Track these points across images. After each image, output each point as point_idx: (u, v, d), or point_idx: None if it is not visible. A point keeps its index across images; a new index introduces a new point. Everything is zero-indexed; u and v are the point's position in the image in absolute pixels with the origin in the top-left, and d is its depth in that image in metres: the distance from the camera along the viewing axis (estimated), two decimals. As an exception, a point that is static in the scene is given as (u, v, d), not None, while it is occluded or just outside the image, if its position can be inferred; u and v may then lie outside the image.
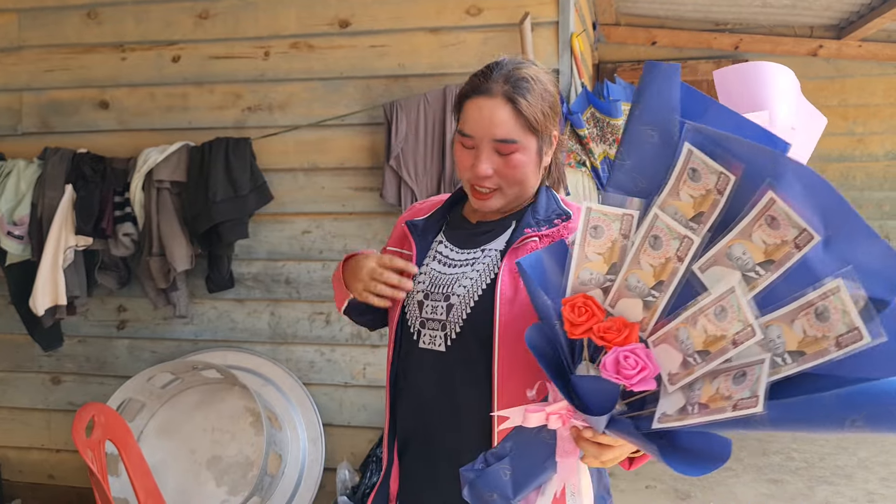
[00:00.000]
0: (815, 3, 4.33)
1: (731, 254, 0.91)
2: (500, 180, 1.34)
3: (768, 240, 0.88)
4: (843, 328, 0.81)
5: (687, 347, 0.95)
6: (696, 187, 0.94)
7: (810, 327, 0.84)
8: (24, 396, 3.63)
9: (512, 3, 3.03)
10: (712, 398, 0.91)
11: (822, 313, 0.83)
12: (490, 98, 1.31)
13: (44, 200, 3.21)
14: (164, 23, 3.35)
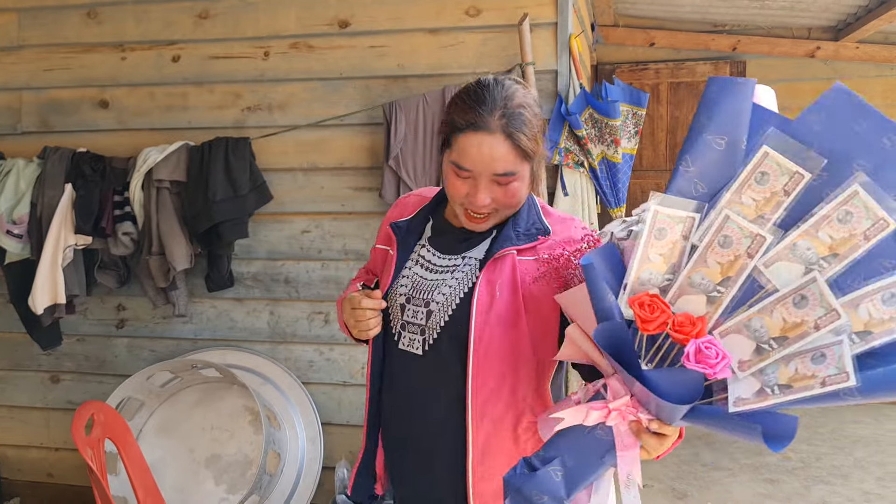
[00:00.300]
0: (813, 4, 4.35)
1: (795, 249, 1.00)
2: (497, 206, 1.38)
3: (835, 234, 0.98)
4: None
5: (761, 336, 1.03)
6: (760, 191, 1.03)
7: (877, 310, 0.95)
8: (23, 395, 3.64)
9: (511, 4, 3.04)
10: (793, 378, 1.00)
11: (890, 299, 0.95)
12: (489, 135, 1.31)
13: (43, 199, 3.22)
14: (164, 23, 3.36)
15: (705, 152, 1.08)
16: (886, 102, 4.98)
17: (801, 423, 3.62)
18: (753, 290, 1.05)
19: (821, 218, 0.98)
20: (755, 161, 1.03)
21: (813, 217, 0.99)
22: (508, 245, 1.38)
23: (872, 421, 4.74)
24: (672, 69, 5.16)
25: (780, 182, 1.01)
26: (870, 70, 4.97)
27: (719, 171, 1.07)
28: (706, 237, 1.07)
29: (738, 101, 1.07)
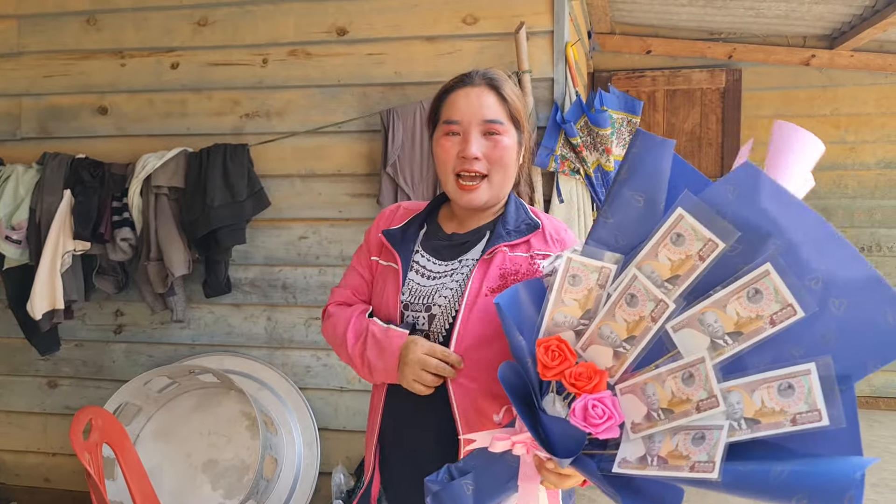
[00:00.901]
0: (808, 13, 4.38)
1: (703, 319, 0.96)
2: (488, 164, 1.40)
3: (742, 312, 0.93)
4: (805, 407, 0.86)
5: (652, 402, 1.00)
6: (676, 251, 1.00)
7: (771, 400, 0.89)
8: (21, 400, 3.65)
9: (507, 12, 3.07)
10: (671, 454, 0.96)
11: (786, 390, 0.88)
12: (475, 87, 1.42)
13: (42, 205, 3.23)
14: (164, 30, 3.38)
15: (625, 206, 1.08)
16: (881, 110, 5.02)
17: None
18: (662, 350, 1.02)
19: (730, 292, 0.94)
20: (670, 222, 1.00)
21: (723, 290, 0.95)
22: (499, 242, 1.40)
23: (867, 427, 4.75)
24: (668, 77, 5.19)
25: (695, 246, 0.98)
26: (864, 78, 5.00)
27: (637, 226, 1.06)
28: (615, 293, 1.06)
29: (659, 160, 1.06)
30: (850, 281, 0.89)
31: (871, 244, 5.09)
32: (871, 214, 5.09)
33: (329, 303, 1.59)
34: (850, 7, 4.19)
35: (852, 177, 5.10)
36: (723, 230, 0.95)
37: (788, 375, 0.88)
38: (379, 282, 1.52)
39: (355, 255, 1.61)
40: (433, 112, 1.49)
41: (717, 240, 0.96)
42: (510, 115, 1.42)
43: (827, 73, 5.03)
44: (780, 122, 1.03)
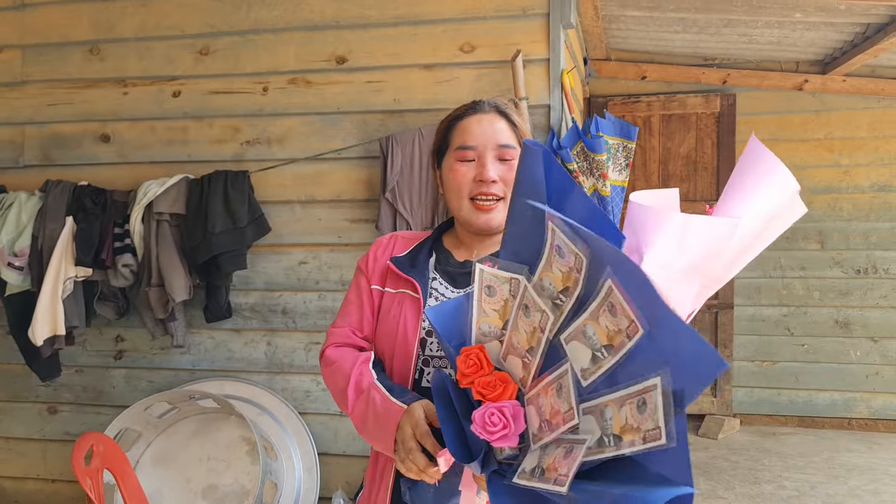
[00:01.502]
0: (800, 39, 4.45)
1: (585, 332, 0.95)
2: (505, 187, 1.41)
3: (609, 325, 0.91)
4: (651, 424, 0.85)
5: (542, 413, 1.00)
6: (562, 263, 0.98)
7: (631, 416, 0.87)
8: (21, 426, 3.65)
9: (504, 40, 3.13)
10: (548, 466, 0.96)
11: (641, 406, 0.86)
12: (486, 114, 1.44)
13: (44, 232, 3.26)
14: (166, 59, 3.44)
15: (521, 217, 1.08)
16: (874, 134, 5.08)
17: (796, 451, 3.64)
18: (558, 361, 1.00)
19: (597, 305, 0.92)
20: (549, 236, 1.00)
21: (594, 302, 0.92)
22: None
23: (866, 450, 4.76)
24: (664, 101, 5.25)
25: (570, 259, 0.96)
26: (857, 102, 5.06)
27: (533, 236, 1.05)
28: (515, 304, 1.06)
29: (534, 167, 1.05)
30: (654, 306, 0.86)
31: (867, 266, 5.12)
32: (867, 237, 5.13)
33: (327, 345, 1.50)
34: (841, 33, 4.26)
35: (847, 200, 5.15)
36: (580, 245, 0.94)
37: (642, 391, 0.86)
38: (391, 311, 1.45)
39: (351, 288, 1.55)
40: (440, 140, 1.49)
41: (581, 254, 0.94)
42: (519, 140, 1.44)
43: (820, 97, 5.09)
44: (754, 141, 1.01)
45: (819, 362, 5.22)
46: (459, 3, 3.16)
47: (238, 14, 3.36)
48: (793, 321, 5.23)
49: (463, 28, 3.16)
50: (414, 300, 1.42)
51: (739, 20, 4.12)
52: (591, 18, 4.08)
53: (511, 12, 3.12)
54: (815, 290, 5.20)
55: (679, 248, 0.95)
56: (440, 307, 1.21)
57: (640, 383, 0.86)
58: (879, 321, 5.12)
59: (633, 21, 4.36)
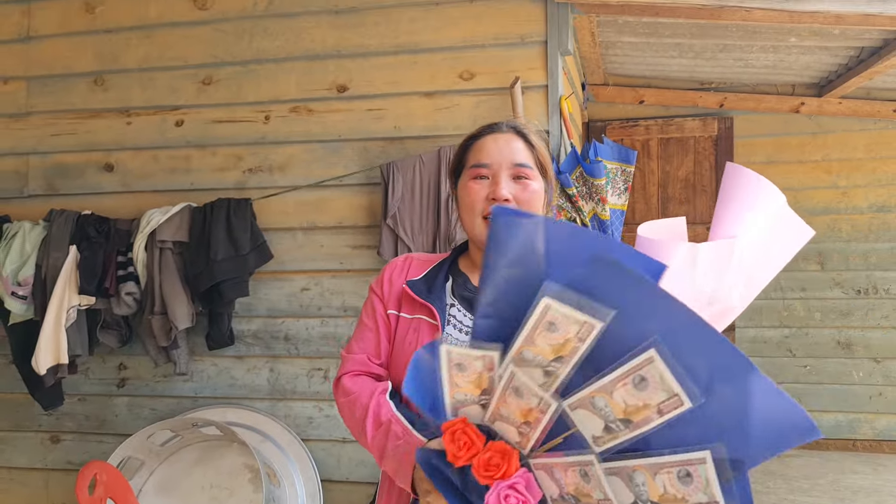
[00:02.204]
0: (795, 63, 4.50)
1: (594, 403, 0.91)
2: (518, 207, 1.38)
3: (630, 401, 0.87)
4: (704, 498, 0.83)
5: (561, 486, 0.97)
6: (553, 338, 0.93)
7: (671, 485, 0.86)
8: (23, 456, 3.64)
9: (503, 67, 3.17)
10: None
11: (684, 477, 0.85)
12: (503, 133, 1.44)
13: (48, 261, 3.28)
14: (169, 89, 3.48)
15: (500, 284, 1.02)
16: (871, 155, 5.11)
17: (801, 474, 3.62)
18: (566, 426, 0.96)
19: (615, 378, 0.88)
20: (537, 314, 0.94)
21: (609, 376, 0.89)
22: None
23: (871, 471, 4.73)
24: (662, 125, 5.30)
25: (571, 330, 0.92)
26: (853, 124, 5.10)
27: (516, 306, 0.98)
28: (500, 384, 1.00)
29: (521, 237, 0.98)
30: (728, 369, 0.83)
31: (868, 287, 5.13)
32: (866, 258, 5.14)
33: (342, 372, 1.46)
34: (835, 57, 4.31)
35: (846, 221, 5.17)
36: (596, 311, 0.89)
37: (685, 462, 0.84)
38: (407, 337, 1.42)
39: (363, 312, 1.51)
40: (457, 160, 1.49)
41: (592, 321, 0.90)
42: (537, 162, 1.43)
43: (816, 119, 5.14)
44: (730, 166, 1.00)
45: (822, 383, 5.21)
46: (458, 31, 3.21)
47: (240, 44, 3.41)
48: (794, 342, 5.23)
49: (462, 56, 3.21)
50: (432, 327, 1.39)
51: (735, 45, 4.17)
52: (589, 45, 4.13)
53: (509, 40, 3.16)
54: (817, 311, 5.21)
55: (690, 278, 0.94)
56: (410, 378, 1.09)
57: (681, 454, 0.83)
58: (881, 341, 5.12)
59: (629, 47, 4.42)
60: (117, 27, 3.54)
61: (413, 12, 3.26)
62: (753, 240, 0.99)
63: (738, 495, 0.81)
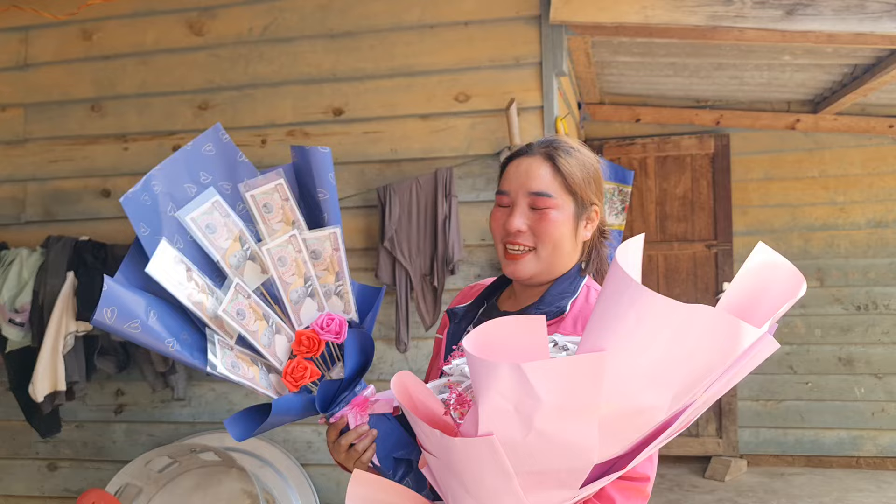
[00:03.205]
0: (790, 80, 4.52)
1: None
2: (535, 238, 1.33)
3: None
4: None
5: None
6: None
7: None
8: (20, 483, 3.62)
9: (498, 89, 3.18)
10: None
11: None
12: (529, 157, 1.36)
13: (45, 288, 3.27)
14: (165, 114, 3.49)
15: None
16: (867, 171, 5.12)
17: (804, 492, 3.61)
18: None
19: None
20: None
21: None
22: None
23: (876, 489, 4.70)
24: (658, 143, 5.31)
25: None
26: (849, 140, 5.12)
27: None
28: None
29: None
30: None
31: (867, 302, 5.12)
32: (865, 273, 5.14)
33: None
34: (830, 74, 4.33)
35: (844, 237, 5.17)
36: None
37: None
38: (434, 358, 1.53)
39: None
40: (501, 169, 1.46)
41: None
42: (565, 186, 1.33)
43: (812, 136, 5.15)
44: (615, 268, 0.88)
45: (824, 400, 5.18)
46: (453, 54, 3.23)
47: (236, 69, 3.43)
48: (795, 359, 5.21)
49: (457, 78, 3.22)
50: (442, 350, 1.46)
51: (729, 63, 4.19)
52: (584, 65, 4.15)
53: (504, 62, 3.18)
54: (817, 328, 5.19)
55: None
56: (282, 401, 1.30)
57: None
58: (882, 357, 5.10)
59: (624, 66, 4.44)
60: (114, 54, 3.56)
61: (408, 36, 3.28)
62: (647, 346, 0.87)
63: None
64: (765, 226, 5.22)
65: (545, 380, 0.84)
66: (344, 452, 1.33)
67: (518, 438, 0.91)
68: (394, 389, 1.03)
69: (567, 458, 0.94)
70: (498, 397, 0.88)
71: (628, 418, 0.92)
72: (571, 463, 0.95)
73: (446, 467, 1.03)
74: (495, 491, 0.98)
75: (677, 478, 4.94)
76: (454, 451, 0.98)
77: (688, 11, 2.96)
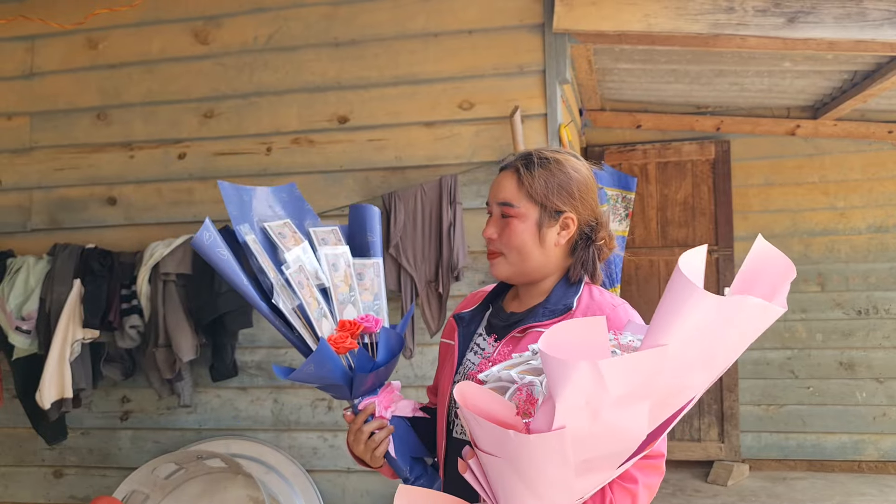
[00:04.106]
0: (790, 87, 4.55)
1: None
2: (501, 245, 1.45)
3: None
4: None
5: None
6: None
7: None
8: (26, 491, 3.63)
9: (502, 97, 3.21)
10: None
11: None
12: (505, 170, 1.49)
13: (52, 295, 3.29)
14: (171, 122, 3.52)
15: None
16: (867, 176, 5.14)
17: (807, 497, 3.61)
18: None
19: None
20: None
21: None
22: (532, 321, 1.40)
23: (878, 493, 4.71)
24: (659, 149, 5.33)
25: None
26: (849, 146, 5.14)
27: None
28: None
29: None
30: None
31: (868, 307, 5.14)
32: (866, 278, 5.16)
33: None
34: (829, 80, 4.36)
35: (844, 242, 5.19)
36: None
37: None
38: (441, 363, 1.60)
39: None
40: None
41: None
42: (528, 196, 1.42)
43: (813, 142, 5.18)
44: (677, 273, 0.98)
45: (825, 404, 5.20)
46: (457, 62, 3.25)
47: (241, 78, 3.45)
48: (797, 364, 5.23)
49: (462, 86, 3.25)
50: (453, 352, 1.53)
51: (730, 70, 4.22)
52: (586, 72, 4.18)
53: (508, 70, 3.20)
54: (818, 332, 5.21)
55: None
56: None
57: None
58: (883, 362, 5.12)
59: (626, 73, 4.47)
60: (120, 62, 3.58)
61: (412, 44, 3.30)
62: (694, 336, 0.98)
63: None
64: (765, 231, 5.23)
65: (617, 374, 0.93)
66: (364, 441, 1.47)
67: (584, 430, 0.99)
68: (457, 398, 1.10)
69: (617, 442, 1.03)
70: (574, 393, 0.95)
71: (671, 399, 1.02)
72: (619, 446, 1.04)
73: (508, 465, 1.09)
74: (553, 481, 1.06)
75: (680, 483, 4.95)
76: (524, 448, 1.03)
77: (690, 19, 2.99)
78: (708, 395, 5.24)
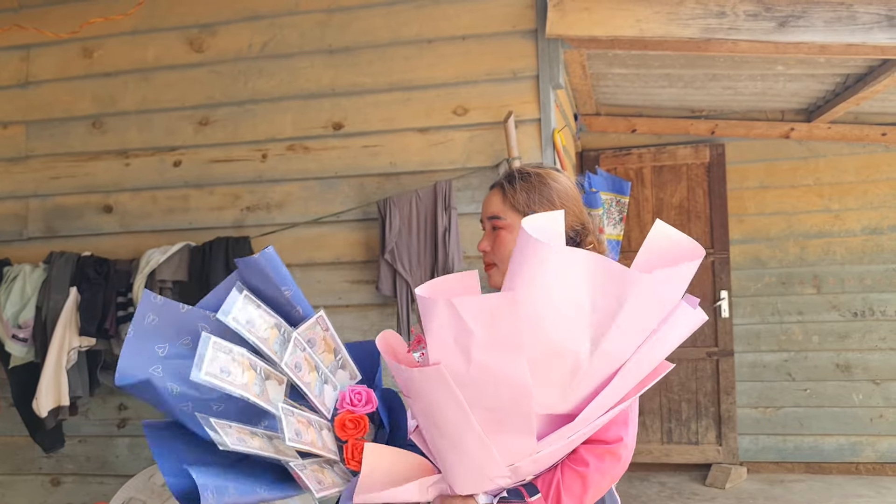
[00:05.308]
0: (783, 90, 4.57)
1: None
2: (494, 256, 1.58)
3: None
4: None
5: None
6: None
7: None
8: (24, 499, 3.62)
9: (496, 102, 3.22)
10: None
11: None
12: (493, 188, 1.62)
13: (48, 303, 3.29)
14: (166, 130, 3.53)
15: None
16: (861, 178, 5.17)
17: (805, 499, 3.64)
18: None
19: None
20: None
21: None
22: None
23: (875, 494, 4.72)
24: (654, 153, 5.35)
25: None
26: (843, 148, 5.17)
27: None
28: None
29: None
30: None
31: (864, 309, 5.15)
32: (862, 280, 5.17)
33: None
34: (822, 84, 4.38)
35: (840, 244, 5.21)
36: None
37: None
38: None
39: None
40: None
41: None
42: (513, 207, 1.55)
43: (807, 144, 5.20)
44: (521, 231, 1.09)
45: (822, 406, 5.21)
46: (451, 68, 3.27)
47: (236, 85, 3.47)
48: (793, 366, 5.24)
49: (455, 92, 3.26)
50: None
51: (723, 74, 4.24)
52: (580, 77, 4.20)
53: (502, 76, 3.22)
54: (814, 334, 5.22)
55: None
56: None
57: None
58: (880, 363, 5.13)
59: (620, 78, 4.49)
60: (115, 71, 3.59)
61: (406, 50, 3.32)
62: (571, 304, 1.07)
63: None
64: (761, 234, 5.26)
65: (472, 313, 1.04)
66: None
67: (462, 369, 1.09)
68: (378, 346, 1.25)
69: (509, 393, 1.10)
70: (439, 329, 1.08)
71: (552, 359, 1.10)
72: (515, 399, 1.11)
73: (422, 414, 1.21)
74: (459, 430, 1.14)
75: (678, 486, 4.96)
76: (414, 383, 1.16)
77: (682, 24, 3.00)
78: (705, 398, 5.25)
